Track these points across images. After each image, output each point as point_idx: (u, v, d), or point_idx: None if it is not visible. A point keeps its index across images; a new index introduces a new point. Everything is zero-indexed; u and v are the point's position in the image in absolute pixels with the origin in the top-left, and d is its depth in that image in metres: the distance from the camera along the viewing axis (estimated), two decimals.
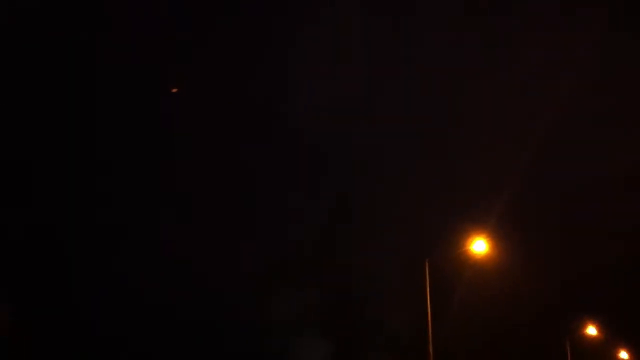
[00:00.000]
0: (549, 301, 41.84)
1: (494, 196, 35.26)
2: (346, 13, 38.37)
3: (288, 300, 38.08)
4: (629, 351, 53.11)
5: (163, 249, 34.39)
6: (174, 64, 36.11)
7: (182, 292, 34.82)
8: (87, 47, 30.51)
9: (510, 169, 37.99)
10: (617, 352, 52.63)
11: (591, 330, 44.24)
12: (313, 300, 40.10)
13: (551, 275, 41.48)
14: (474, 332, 37.89)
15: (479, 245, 23.70)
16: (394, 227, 41.50)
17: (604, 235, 42.25)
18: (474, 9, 38.62)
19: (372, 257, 40.98)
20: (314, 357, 39.35)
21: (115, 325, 30.70)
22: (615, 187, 40.55)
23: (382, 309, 38.12)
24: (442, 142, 43.83)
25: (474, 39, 41.57)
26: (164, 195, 35.64)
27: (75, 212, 31.25)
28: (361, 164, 45.68)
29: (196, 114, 37.74)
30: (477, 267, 26.10)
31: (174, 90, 30.91)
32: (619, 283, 45.89)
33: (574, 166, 41.65)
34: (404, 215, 41.88)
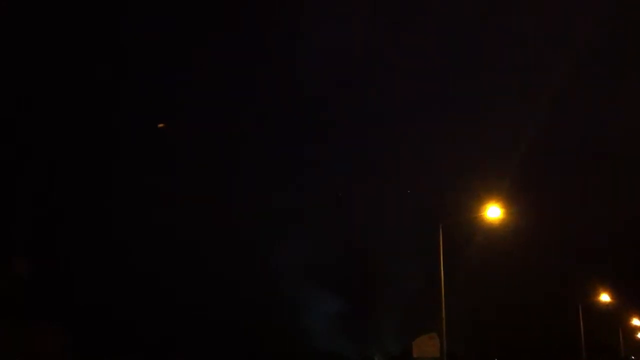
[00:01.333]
0: (562, 267, 41.83)
1: (507, 160, 35.05)
2: None
3: (301, 254, 38.42)
4: None
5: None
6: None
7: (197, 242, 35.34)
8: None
9: (524, 132, 37.60)
10: (630, 319, 52.62)
11: (604, 297, 44.17)
12: (327, 256, 40.48)
13: (565, 241, 41.37)
14: (487, 296, 38.06)
15: (493, 211, 23.55)
16: (408, 190, 41.52)
17: (619, 200, 41.90)
18: None
19: (386, 217, 41.14)
20: (328, 310, 39.83)
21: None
22: (629, 149, 39.92)
23: (394, 267, 38.37)
24: (456, 108, 43.44)
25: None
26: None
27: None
28: (376, 128, 45.45)
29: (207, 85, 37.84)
30: (490, 231, 26.00)
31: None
32: (633, 250, 45.63)
33: (588, 128, 41.09)
34: (418, 178, 41.85)
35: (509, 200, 24.02)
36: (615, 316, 48.65)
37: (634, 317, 52.59)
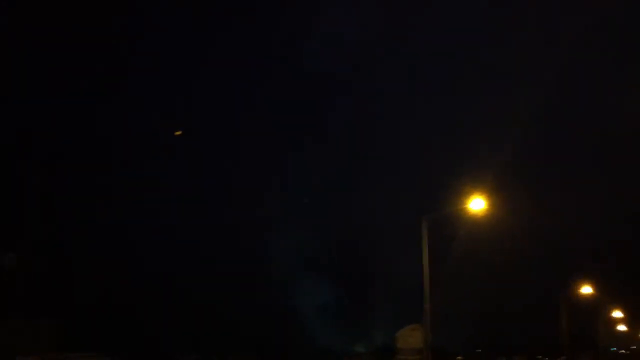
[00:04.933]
0: (543, 259, 42.27)
1: (493, 151, 35.25)
2: None
3: (294, 242, 38.35)
4: (623, 310, 53.88)
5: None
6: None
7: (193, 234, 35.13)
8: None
9: (510, 123, 37.76)
10: (611, 310, 53.39)
11: (586, 289, 44.71)
12: (319, 244, 40.48)
13: (547, 233, 41.77)
14: (470, 289, 38.37)
15: (477, 203, 23.74)
16: (398, 180, 41.65)
17: (602, 193, 42.32)
18: None
19: (377, 207, 41.22)
20: (320, 299, 39.85)
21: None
22: (617, 142, 40.15)
23: (386, 257, 38.42)
24: (444, 99, 43.51)
25: None
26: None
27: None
28: (367, 123, 45.39)
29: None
30: (474, 224, 26.17)
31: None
32: (614, 242, 46.22)
33: (577, 120, 41.35)
34: (406, 169, 41.99)
35: (494, 193, 24.18)
36: (596, 308, 49.36)
37: (615, 309, 53.39)
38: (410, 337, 25.83)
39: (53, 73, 29.47)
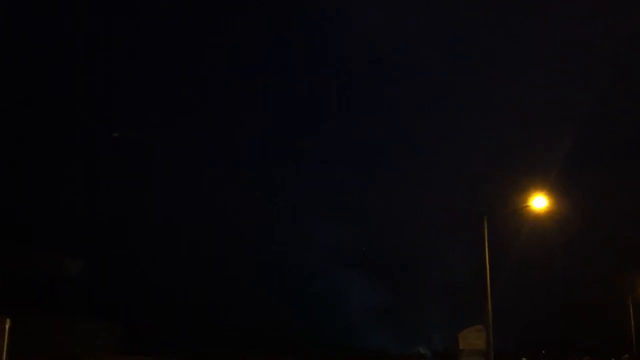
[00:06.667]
0: (611, 258, 40.86)
1: (554, 149, 34.20)
2: None
3: (338, 240, 38.19)
4: None
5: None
6: None
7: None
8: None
9: (570, 120, 36.61)
10: None
11: None
12: (367, 246, 40.15)
13: (613, 231, 40.36)
14: (533, 288, 37.44)
15: (539, 202, 23.18)
16: (452, 178, 40.95)
17: None
18: None
19: (430, 206, 40.61)
20: (367, 303, 39.56)
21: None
22: None
23: (440, 259, 37.84)
24: (502, 96, 42.49)
25: None
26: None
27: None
28: (414, 115, 44.68)
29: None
30: (536, 222, 25.52)
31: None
32: None
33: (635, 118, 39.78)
34: (461, 166, 41.22)
35: (556, 192, 23.57)
36: None
37: None
38: (473, 338, 25.44)
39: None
